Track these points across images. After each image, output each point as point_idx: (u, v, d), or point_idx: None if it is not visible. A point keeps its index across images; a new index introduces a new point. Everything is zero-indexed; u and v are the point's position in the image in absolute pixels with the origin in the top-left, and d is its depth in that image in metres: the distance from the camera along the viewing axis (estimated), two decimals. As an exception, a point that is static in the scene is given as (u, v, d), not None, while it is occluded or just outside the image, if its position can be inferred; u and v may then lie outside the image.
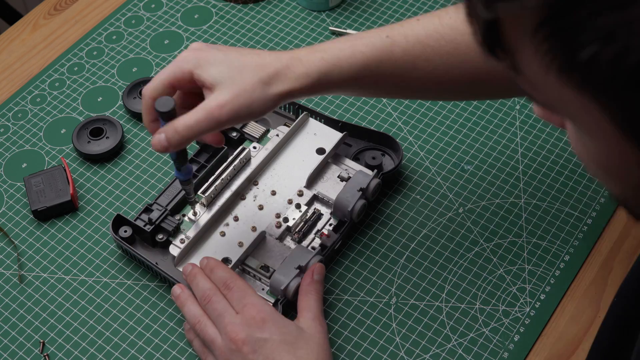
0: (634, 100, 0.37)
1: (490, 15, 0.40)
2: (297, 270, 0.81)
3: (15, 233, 0.92)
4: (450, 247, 0.89)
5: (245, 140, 0.95)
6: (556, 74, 0.39)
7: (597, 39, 0.36)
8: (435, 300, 0.85)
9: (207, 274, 0.81)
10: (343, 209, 0.86)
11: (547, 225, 0.90)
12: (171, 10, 1.15)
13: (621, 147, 0.41)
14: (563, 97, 0.41)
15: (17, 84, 1.07)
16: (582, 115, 0.42)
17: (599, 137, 0.43)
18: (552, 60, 0.39)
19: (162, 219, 0.87)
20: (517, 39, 0.40)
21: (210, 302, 0.77)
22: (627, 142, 0.40)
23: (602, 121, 0.40)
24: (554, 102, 0.44)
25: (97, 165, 0.98)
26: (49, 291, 0.87)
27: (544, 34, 0.38)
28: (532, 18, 0.38)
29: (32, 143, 1.00)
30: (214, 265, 0.81)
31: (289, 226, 0.87)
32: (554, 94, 0.42)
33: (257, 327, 0.74)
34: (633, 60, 0.35)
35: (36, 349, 0.83)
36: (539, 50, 0.39)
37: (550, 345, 0.82)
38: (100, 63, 1.08)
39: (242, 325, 0.74)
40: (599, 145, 0.44)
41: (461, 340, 0.83)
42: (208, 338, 0.76)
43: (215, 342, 0.76)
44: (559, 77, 0.39)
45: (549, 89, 0.41)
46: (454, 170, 0.96)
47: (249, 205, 0.89)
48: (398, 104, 1.02)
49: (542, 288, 0.86)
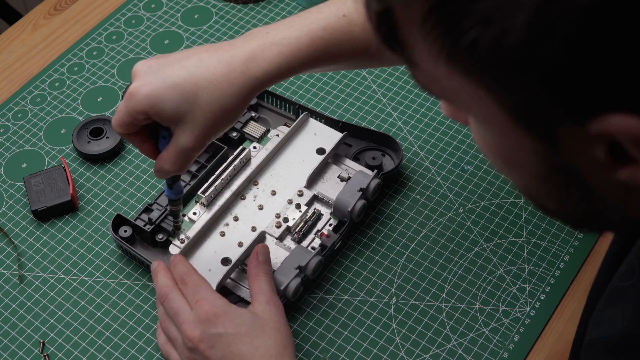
0: (517, 83, 0.38)
1: (381, 6, 0.42)
2: (297, 271, 0.81)
3: (15, 233, 0.92)
4: (450, 247, 0.89)
5: (245, 140, 0.95)
6: (445, 63, 0.40)
7: (476, 24, 0.37)
8: (435, 300, 0.85)
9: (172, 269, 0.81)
10: (343, 209, 0.86)
11: (547, 225, 0.90)
12: (171, 10, 1.15)
13: (516, 135, 0.42)
14: (455, 87, 0.42)
15: (17, 84, 1.07)
16: (476, 105, 0.43)
17: (495, 127, 0.44)
18: (440, 49, 0.40)
19: (162, 219, 0.87)
20: (409, 30, 0.41)
21: (167, 300, 0.77)
22: (520, 129, 0.41)
23: (494, 109, 0.41)
24: (449, 94, 0.45)
25: (97, 165, 0.98)
26: (49, 291, 0.87)
27: (431, 23, 0.39)
28: (420, 7, 0.39)
29: (32, 143, 1.00)
30: (177, 261, 0.81)
31: (289, 226, 0.87)
32: (446, 85, 0.43)
33: (210, 322, 0.73)
34: (510, 42, 0.36)
35: (36, 349, 0.83)
36: (428, 40, 0.40)
37: (550, 345, 0.82)
38: (100, 63, 1.08)
39: (196, 322, 0.74)
40: (495, 135, 0.45)
41: (461, 340, 0.83)
42: (170, 337, 0.78)
43: (176, 341, 0.76)
44: (447, 66, 0.40)
45: (441, 79, 0.42)
46: (454, 170, 0.96)
47: (249, 205, 0.89)
48: (398, 104, 1.02)
49: (542, 288, 0.86)
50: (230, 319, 0.73)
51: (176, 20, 1.13)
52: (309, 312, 0.85)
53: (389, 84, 1.04)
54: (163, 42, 1.11)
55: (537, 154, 0.42)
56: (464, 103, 0.44)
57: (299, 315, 0.85)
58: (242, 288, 0.84)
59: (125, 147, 0.99)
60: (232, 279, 0.84)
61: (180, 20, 1.13)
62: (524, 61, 0.37)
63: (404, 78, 1.05)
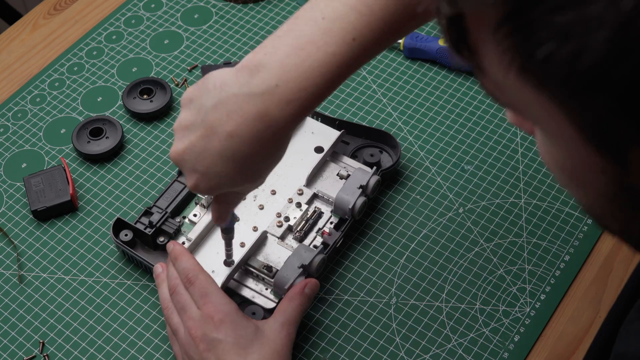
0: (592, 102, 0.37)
1: (452, 10, 0.40)
2: (301, 269, 0.81)
3: (15, 233, 0.92)
4: (450, 247, 0.89)
5: (245, 140, 0.95)
6: (516, 74, 0.39)
7: (553, 37, 0.35)
8: (435, 300, 0.85)
9: (172, 261, 0.80)
10: (344, 206, 0.86)
11: (547, 226, 0.90)
12: (171, 10, 1.15)
13: (585, 152, 0.40)
14: (525, 98, 0.40)
15: (16, 84, 1.07)
16: (545, 119, 0.41)
17: (563, 142, 0.42)
18: (512, 59, 0.38)
19: (163, 222, 0.87)
20: (480, 36, 0.40)
21: (175, 292, 0.78)
22: (589, 147, 0.39)
23: (563, 125, 0.39)
24: (517, 104, 0.43)
25: (97, 165, 0.98)
26: (48, 291, 0.87)
27: (505, 32, 0.37)
28: (494, 14, 0.37)
29: (31, 143, 1.00)
30: (178, 254, 0.80)
31: (290, 225, 0.87)
32: (516, 95, 0.41)
33: (213, 326, 0.73)
34: (588, 60, 0.35)
35: (36, 349, 0.83)
36: (500, 49, 0.38)
37: (551, 345, 0.82)
38: (100, 63, 1.08)
39: (201, 322, 0.74)
40: (563, 150, 0.43)
41: (461, 341, 0.82)
42: (172, 327, 0.78)
43: (178, 332, 0.77)
44: (519, 77, 0.39)
45: (511, 89, 0.41)
46: (454, 170, 0.96)
47: (249, 205, 0.89)
48: (398, 104, 1.02)
49: (542, 288, 0.86)
50: (234, 328, 0.73)
51: (176, 20, 1.13)
52: (309, 312, 0.85)
53: (389, 84, 1.04)
54: (163, 42, 1.10)
55: (605, 173, 0.41)
56: (532, 115, 0.43)
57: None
58: (245, 289, 0.84)
59: (125, 147, 0.99)
60: (235, 280, 0.84)
61: (180, 20, 1.13)
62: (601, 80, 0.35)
63: (404, 78, 1.05)
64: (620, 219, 0.46)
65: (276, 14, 1.13)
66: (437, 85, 1.04)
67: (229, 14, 1.14)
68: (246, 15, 1.13)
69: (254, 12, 1.14)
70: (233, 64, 1.06)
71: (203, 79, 0.66)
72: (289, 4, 1.14)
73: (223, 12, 1.14)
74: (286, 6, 1.14)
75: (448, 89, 1.04)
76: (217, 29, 1.12)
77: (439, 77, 1.05)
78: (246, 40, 1.10)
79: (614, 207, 0.45)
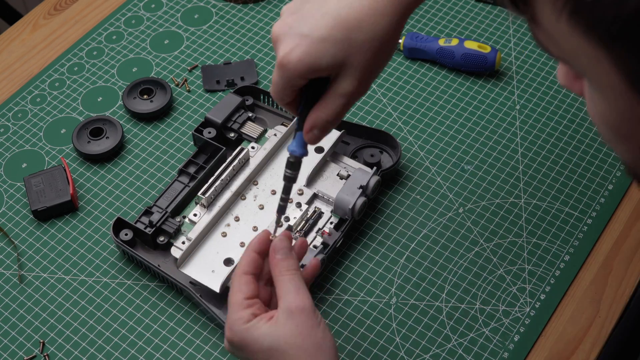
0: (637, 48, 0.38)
1: None
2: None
3: (15, 233, 0.92)
4: (450, 247, 0.89)
5: (243, 141, 0.95)
6: (567, 20, 0.40)
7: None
8: (435, 300, 0.85)
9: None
10: (344, 207, 0.86)
11: (547, 225, 0.90)
12: (171, 10, 1.15)
13: (630, 103, 0.42)
14: (574, 47, 0.42)
15: (17, 84, 1.07)
16: (593, 68, 0.43)
17: (609, 93, 0.44)
18: (564, 5, 0.40)
19: (163, 221, 0.87)
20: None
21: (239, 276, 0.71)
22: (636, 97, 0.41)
23: (611, 73, 0.41)
24: (567, 55, 0.44)
25: (97, 165, 0.98)
26: (49, 291, 0.87)
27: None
28: None
29: (32, 143, 1.00)
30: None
31: (291, 225, 0.87)
32: (566, 45, 0.43)
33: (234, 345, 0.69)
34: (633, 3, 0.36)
35: (36, 349, 0.83)
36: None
37: (550, 345, 0.82)
38: (100, 63, 1.08)
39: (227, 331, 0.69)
40: (610, 102, 0.44)
41: (461, 340, 0.83)
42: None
43: None
44: (569, 23, 0.40)
45: (562, 38, 0.42)
46: (454, 170, 0.96)
47: (249, 205, 0.90)
48: (398, 104, 1.02)
49: (542, 288, 0.86)
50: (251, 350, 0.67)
51: (176, 20, 1.13)
52: (309, 312, 0.85)
53: (389, 84, 1.04)
54: (163, 42, 1.11)
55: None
56: (581, 65, 0.44)
57: (299, 315, 0.85)
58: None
59: (125, 147, 0.99)
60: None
61: (180, 20, 1.13)
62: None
63: (404, 78, 1.05)
64: None
65: (276, 14, 1.13)
66: (437, 85, 1.04)
67: (229, 14, 1.14)
68: (246, 16, 1.13)
69: (254, 12, 1.14)
70: (233, 64, 1.06)
71: None
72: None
73: (223, 12, 1.14)
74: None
75: (448, 89, 1.04)
76: (217, 29, 1.12)
77: (439, 77, 1.05)
78: (246, 41, 1.10)
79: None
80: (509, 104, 1.02)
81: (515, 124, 1.00)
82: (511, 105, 1.02)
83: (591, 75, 0.44)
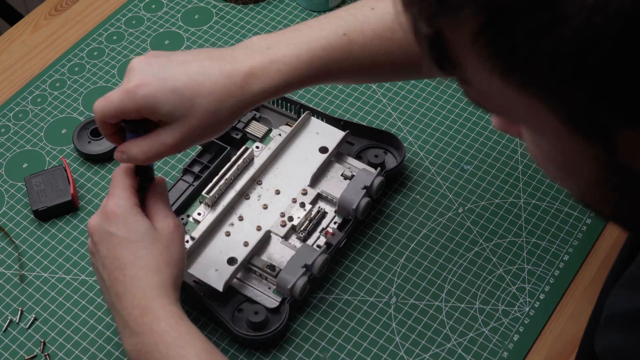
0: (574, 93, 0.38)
1: (431, 30, 0.42)
2: (304, 269, 0.81)
3: (16, 233, 0.92)
4: (450, 247, 0.89)
5: (247, 140, 0.95)
6: (499, 78, 0.40)
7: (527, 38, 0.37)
8: (435, 300, 0.86)
9: None
10: (348, 207, 0.87)
11: (547, 225, 0.91)
12: (171, 11, 1.15)
13: (573, 142, 0.42)
14: (509, 100, 0.42)
15: (18, 85, 1.07)
16: (531, 117, 0.43)
17: (552, 136, 0.44)
18: (494, 65, 0.40)
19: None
20: (461, 50, 0.42)
21: None
22: (578, 136, 0.41)
23: (550, 119, 0.41)
24: (503, 108, 0.45)
25: (98, 165, 0.98)
26: (49, 291, 0.87)
27: (483, 41, 0.39)
28: (470, 27, 0.39)
29: (32, 143, 1.00)
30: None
31: (294, 225, 0.87)
32: (501, 99, 0.43)
33: (107, 219, 0.73)
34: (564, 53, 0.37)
35: (37, 348, 0.83)
36: (481, 58, 0.40)
37: (550, 344, 0.83)
38: (101, 63, 1.09)
39: (99, 215, 0.74)
40: (553, 144, 0.45)
41: (461, 340, 0.83)
42: None
43: None
44: (501, 81, 0.41)
45: (496, 94, 0.43)
46: (453, 170, 0.96)
47: (253, 205, 0.90)
48: (398, 104, 1.02)
49: (541, 288, 0.86)
50: (125, 222, 0.72)
51: (176, 20, 1.14)
52: (309, 311, 0.85)
53: (389, 84, 1.04)
54: (163, 43, 1.11)
55: (596, 158, 0.43)
56: (518, 116, 0.45)
57: (299, 315, 0.85)
58: (249, 287, 0.84)
59: (126, 147, 0.99)
60: (238, 279, 0.85)
61: (180, 21, 1.14)
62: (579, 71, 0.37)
63: (403, 78, 1.05)
64: (613, 203, 0.47)
65: (276, 14, 1.14)
66: (437, 86, 1.04)
67: (229, 14, 1.14)
68: (246, 16, 1.14)
69: (254, 13, 1.14)
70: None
71: None
72: (289, 4, 1.15)
73: (223, 12, 1.14)
74: (286, 6, 1.14)
75: (448, 89, 1.04)
76: (218, 30, 1.12)
77: (438, 77, 1.05)
78: (246, 41, 1.10)
79: (606, 192, 0.46)
80: (509, 104, 1.02)
81: (514, 124, 1.00)
82: (511, 105, 1.02)
83: (530, 123, 0.45)
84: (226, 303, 0.83)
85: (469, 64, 0.42)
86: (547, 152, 0.47)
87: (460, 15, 0.39)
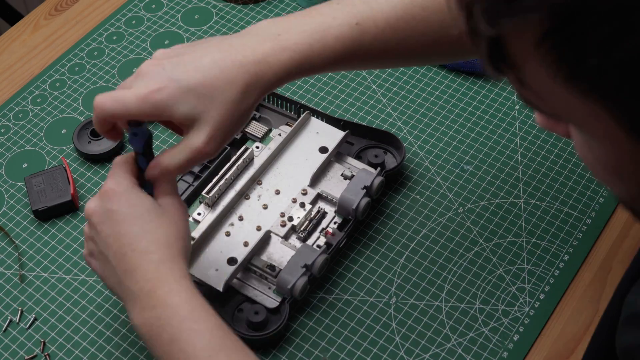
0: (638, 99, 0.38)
1: (494, 32, 0.41)
2: (304, 269, 0.81)
3: (16, 233, 0.92)
4: (450, 246, 0.90)
5: (247, 140, 0.95)
6: (563, 84, 0.39)
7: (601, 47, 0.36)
8: (435, 300, 0.86)
9: None
10: (348, 207, 0.87)
11: (547, 225, 0.91)
12: (171, 11, 1.15)
13: (630, 147, 0.41)
14: (569, 105, 0.41)
15: (18, 85, 1.07)
16: (590, 122, 0.42)
17: (608, 141, 0.43)
18: (558, 70, 0.39)
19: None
20: (522, 53, 0.41)
21: None
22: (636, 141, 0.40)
23: (611, 126, 0.40)
24: (561, 112, 0.44)
25: (98, 165, 0.98)
26: (49, 291, 0.87)
27: (549, 45, 0.38)
28: (536, 30, 0.38)
29: (32, 143, 1.00)
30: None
31: (294, 225, 0.87)
32: (561, 104, 0.42)
33: (107, 197, 0.71)
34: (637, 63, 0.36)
35: (37, 348, 0.83)
36: (545, 62, 0.39)
37: (550, 344, 0.83)
38: (101, 63, 1.09)
39: (97, 198, 0.72)
40: (607, 149, 0.44)
41: (461, 340, 0.83)
42: None
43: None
44: (565, 86, 0.39)
45: (556, 99, 0.42)
46: (453, 170, 0.96)
47: (253, 205, 0.90)
48: (398, 104, 1.02)
49: (541, 288, 0.86)
50: (128, 198, 0.70)
51: (176, 20, 1.14)
52: (309, 311, 0.85)
53: (389, 84, 1.05)
54: (163, 43, 1.11)
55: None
56: (575, 120, 0.44)
57: (299, 315, 0.85)
58: (249, 287, 0.84)
59: (126, 147, 0.99)
60: (238, 279, 0.85)
61: (180, 21, 1.14)
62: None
63: (403, 78, 1.05)
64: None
65: (276, 15, 1.13)
66: (436, 86, 1.04)
67: (229, 14, 1.14)
68: (246, 16, 1.14)
69: (254, 13, 1.14)
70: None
71: None
72: (289, 4, 1.15)
73: (223, 12, 1.14)
74: (286, 6, 1.14)
75: (448, 89, 1.04)
76: (218, 30, 1.12)
77: (438, 77, 1.05)
78: (246, 41, 1.10)
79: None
80: (509, 104, 1.02)
81: (514, 124, 1.00)
82: (511, 105, 1.02)
83: (587, 128, 0.44)
84: (226, 303, 0.83)
85: (528, 66, 0.41)
86: (599, 156, 0.46)
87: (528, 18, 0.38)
